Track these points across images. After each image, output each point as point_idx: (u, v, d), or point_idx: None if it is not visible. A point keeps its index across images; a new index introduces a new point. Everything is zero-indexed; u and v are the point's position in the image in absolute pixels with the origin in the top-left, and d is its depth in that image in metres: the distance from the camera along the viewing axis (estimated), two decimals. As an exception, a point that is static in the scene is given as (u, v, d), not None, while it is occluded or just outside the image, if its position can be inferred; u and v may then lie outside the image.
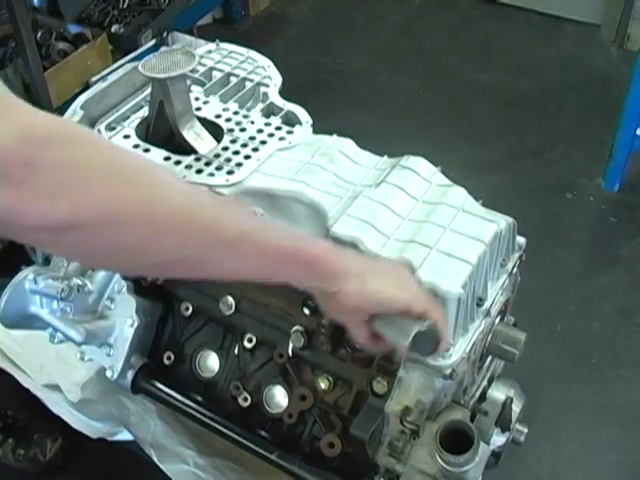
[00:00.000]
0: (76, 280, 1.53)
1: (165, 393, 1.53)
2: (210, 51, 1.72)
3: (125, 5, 3.23)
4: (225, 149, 1.45)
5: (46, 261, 1.65)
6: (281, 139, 1.47)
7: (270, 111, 1.57)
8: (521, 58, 3.65)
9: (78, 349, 1.51)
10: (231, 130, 1.49)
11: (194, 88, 1.61)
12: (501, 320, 1.42)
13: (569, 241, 2.77)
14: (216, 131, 1.49)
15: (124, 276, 1.52)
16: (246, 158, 1.42)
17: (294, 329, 1.40)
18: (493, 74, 3.54)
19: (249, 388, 1.50)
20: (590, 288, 2.59)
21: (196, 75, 1.62)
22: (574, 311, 2.51)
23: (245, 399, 1.49)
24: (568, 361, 2.36)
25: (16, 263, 1.66)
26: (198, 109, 1.54)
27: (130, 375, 1.52)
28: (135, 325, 1.52)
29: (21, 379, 1.65)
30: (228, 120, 1.52)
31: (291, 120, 1.54)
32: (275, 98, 1.59)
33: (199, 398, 1.54)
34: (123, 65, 1.68)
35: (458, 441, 1.21)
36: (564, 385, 2.29)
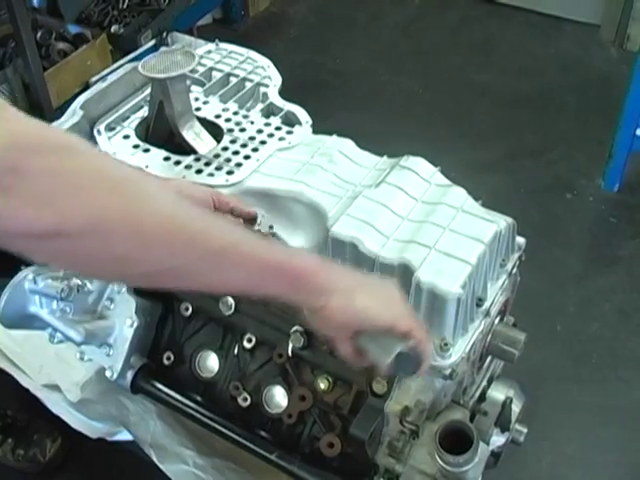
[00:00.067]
0: (76, 280, 1.53)
1: (165, 393, 1.53)
2: (210, 51, 1.72)
3: (125, 5, 3.23)
4: (225, 149, 1.45)
5: (46, 261, 1.65)
6: (281, 139, 1.47)
7: (270, 111, 1.57)
8: (521, 58, 3.65)
9: (78, 349, 1.51)
10: (231, 130, 1.50)
11: (194, 88, 1.61)
12: (501, 320, 1.42)
13: (569, 241, 2.77)
14: (216, 131, 1.49)
15: (124, 276, 1.52)
16: (246, 158, 1.43)
17: (294, 329, 1.40)
18: (493, 74, 3.54)
19: (249, 388, 1.50)
20: (590, 288, 2.59)
21: (196, 75, 1.63)
22: (574, 311, 2.51)
23: (245, 399, 1.49)
24: (568, 361, 2.36)
25: (16, 263, 1.66)
26: (198, 109, 1.54)
27: (130, 375, 1.52)
28: (135, 325, 1.51)
29: (21, 379, 1.65)
30: (228, 120, 1.52)
31: (291, 120, 1.54)
32: (275, 98, 1.59)
33: (199, 398, 1.54)
34: (123, 65, 1.68)
35: (458, 441, 1.21)
36: (564, 385, 2.29)
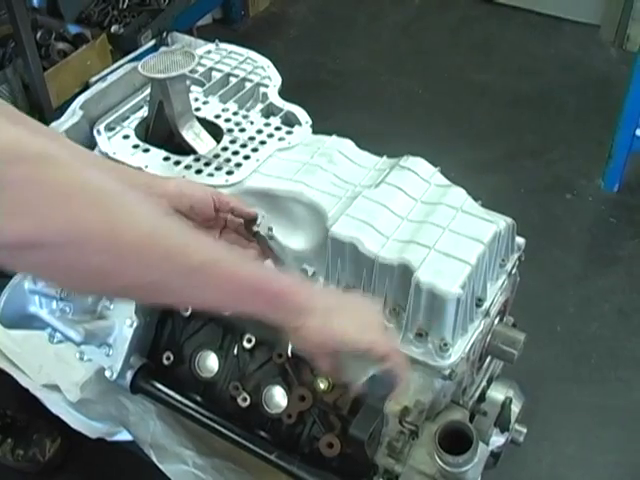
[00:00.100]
0: (75, 280, 1.53)
1: (164, 393, 1.53)
2: (210, 51, 1.72)
3: (125, 5, 3.23)
4: (224, 149, 1.45)
5: (45, 261, 1.65)
6: (280, 139, 1.47)
7: (269, 111, 1.57)
8: (521, 58, 3.65)
9: (77, 349, 1.51)
10: (230, 130, 1.50)
11: (193, 88, 1.61)
12: (500, 320, 1.42)
13: (568, 242, 2.77)
14: (215, 131, 1.49)
15: (123, 276, 1.52)
16: (245, 158, 1.43)
17: (293, 329, 1.40)
18: (493, 74, 3.54)
19: (248, 388, 1.50)
20: (589, 289, 2.59)
21: (195, 75, 1.63)
22: (573, 312, 2.51)
23: (244, 399, 1.49)
24: (567, 361, 2.36)
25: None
26: (197, 109, 1.54)
27: (129, 375, 1.52)
28: (134, 325, 1.51)
29: (20, 379, 1.65)
30: (227, 120, 1.52)
31: (290, 120, 1.54)
32: (274, 98, 1.59)
33: (198, 398, 1.54)
34: (123, 65, 1.68)
35: (457, 441, 1.21)
36: (563, 385, 2.29)
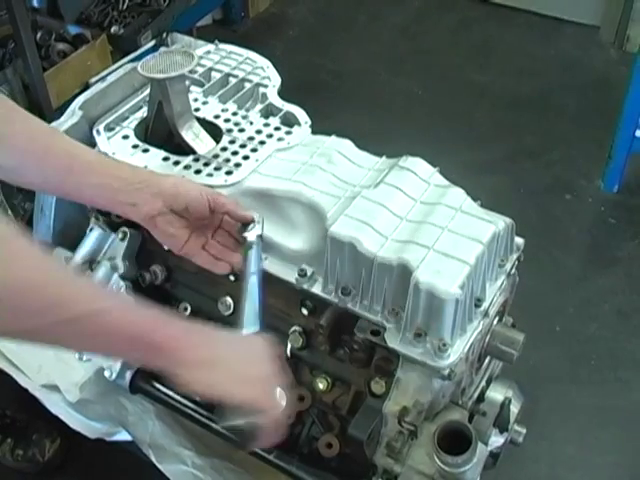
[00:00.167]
0: (75, 280, 1.53)
1: (163, 393, 1.53)
2: (209, 52, 1.72)
3: (125, 6, 3.22)
4: (224, 149, 1.45)
5: (45, 261, 1.65)
6: (280, 140, 1.47)
7: (269, 112, 1.58)
8: (520, 59, 3.65)
9: (77, 349, 1.51)
10: (230, 130, 1.50)
11: (193, 89, 1.61)
12: (499, 321, 1.42)
13: (568, 242, 2.77)
14: (215, 131, 1.50)
15: (123, 276, 1.52)
16: (245, 159, 1.43)
17: (292, 329, 1.40)
18: (492, 75, 3.54)
19: (247, 388, 1.50)
20: (589, 289, 2.59)
21: (195, 76, 1.63)
22: (573, 312, 2.51)
23: (243, 399, 1.49)
24: (566, 362, 2.36)
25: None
26: (197, 109, 1.54)
27: (128, 375, 1.52)
28: (134, 325, 1.52)
29: (19, 379, 1.65)
30: (227, 121, 1.52)
31: (290, 121, 1.55)
32: (274, 99, 1.59)
33: (197, 398, 1.54)
34: (122, 66, 1.68)
35: (456, 442, 1.21)
36: (562, 386, 2.29)
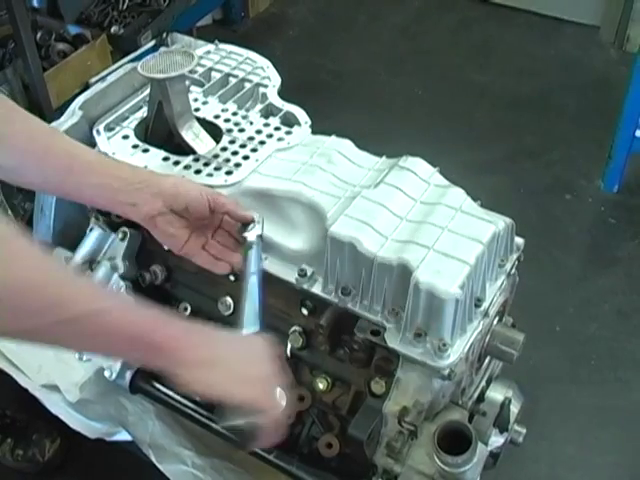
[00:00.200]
0: (75, 280, 1.53)
1: (163, 393, 1.53)
2: (209, 52, 1.72)
3: (125, 6, 3.22)
4: (224, 149, 1.45)
5: (45, 261, 1.65)
6: (280, 140, 1.47)
7: (269, 112, 1.58)
8: (520, 59, 3.66)
9: (76, 349, 1.51)
10: (230, 130, 1.50)
11: (193, 89, 1.61)
12: (499, 321, 1.42)
13: (568, 242, 2.77)
14: (215, 131, 1.50)
15: (123, 276, 1.52)
16: (245, 159, 1.43)
17: (292, 329, 1.40)
18: (492, 75, 3.54)
19: (247, 388, 1.50)
20: (589, 289, 2.59)
21: (195, 76, 1.63)
22: (573, 312, 2.51)
23: (243, 399, 1.49)
24: (566, 362, 2.36)
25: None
26: (197, 109, 1.54)
27: (128, 375, 1.52)
28: (134, 325, 1.52)
29: (19, 379, 1.65)
30: (227, 121, 1.52)
31: (290, 121, 1.55)
32: (274, 99, 1.59)
33: (197, 398, 1.54)
34: (122, 66, 1.68)
35: (456, 442, 1.21)
36: (562, 386, 2.29)
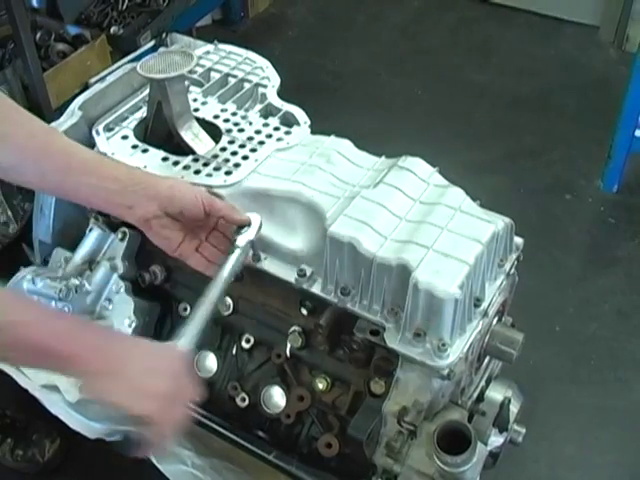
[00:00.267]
0: (74, 280, 1.53)
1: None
2: (208, 52, 1.72)
3: (124, 6, 3.22)
4: (223, 150, 1.45)
5: (44, 262, 1.65)
6: (279, 140, 1.47)
7: (268, 112, 1.58)
8: (520, 59, 3.65)
9: (76, 349, 1.51)
10: (229, 131, 1.50)
11: (192, 89, 1.61)
12: (499, 320, 1.42)
13: (567, 242, 2.77)
14: (214, 132, 1.50)
15: (122, 276, 1.52)
16: (244, 159, 1.43)
17: (292, 329, 1.41)
18: (492, 75, 3.54)
19: (247, 388, 1.50)
20: (588, 289, 2.59)
21: (194, 76, 1.63)
22: (572, 312, 2.51)
23: (243, 399, 1.49)
24: (566, 362, 2.36)
25: (15, 263, 1.66)
26: (196, 110, 1.54)
27: (128, 375, 1.52)
28: (133, 325, 1.52)
29: (19, 379, 1.65)
30: (226, 121, 1.53)
31: (289, 121, 1.55)
32: (273, 99, 1.59)
33: (197, 398, 1.54)
34: (122, 66, 1.68)
35: (456, 441, 1.21)
36: (562, 386, 2.28)
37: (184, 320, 1.55)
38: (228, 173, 1.40)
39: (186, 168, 1.41)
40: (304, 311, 1.37)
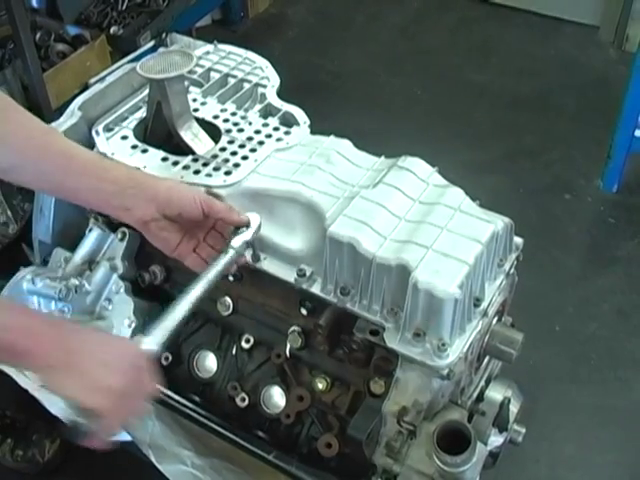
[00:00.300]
0: (74, 281, 1.53)
1: (163, 394, 1.53)
2: (208, 52, 1.72)
3: (124, 6, 3.22)
4: (223, 150, 1.45)
5: (44, 262, 1.65)
6: (279, 140, 1.47)
7: (268, 112, 1.58)
8: (520, 59, 3.65)
9: (76, 350, 1.51)
10: (229, 131, 1.50)
11: (192, 89, 1.61)
12: (498, 320, 1.42)
13: (567, 242, 2.77)
14: (214, 132, 1.50)
15: (122, 276, 1.52)
16: (244, 159, 1.43)
17: (291, 329, 1.41)
18: (491, 75, 3.54)
19: (247, 388, 1.50)
20: (588, 289, 2.59)
21: (194, 76, 1.63)
22: (572, 312, 2.51)
23: (243, 399, 1.49)
24: (566, 362, 2.36)
25: (14, 263, 1.66)
26: (196, 110, 1.54)
27: (128, 376, 1.52)
28: (133, 326, 1.52)
29: (19, 379, 1.65)
30: (226, 121, 1.53)
31: (289, 121, 1.55)
32: (273, 99, 1.59)
33: (197, 399, 1.54)
34: (121, 66, 1.68)
35: (455, 441, 1.21)
36: (562, 386, 2.29)
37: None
38: (228, 173, 1.40)
39: (186, 168, 1.41)
40: (304, 311, 1.37)
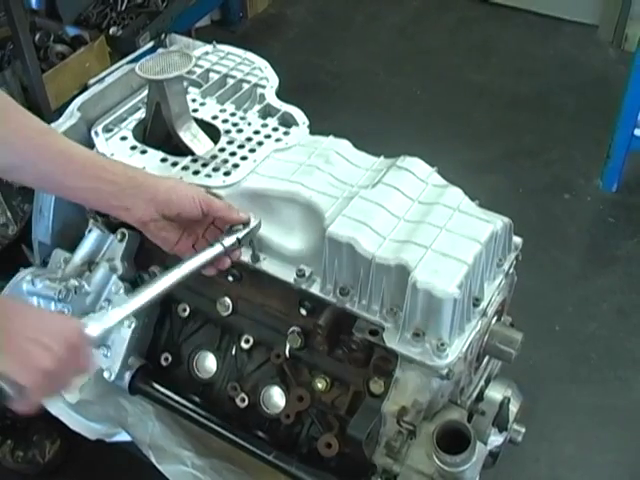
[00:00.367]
0: (73, 281, 1.53)
1: (163, 394, 1.53)
2: (207, 53, 1.72)
3: (123, 7, 3.23)
4: (222, 150, 1.45)
5: (44, 263, 1.65)
6: (278, 140, 1.47)
7: (267, 112, 1.58)
8: (519, 59, 3.66)
9: (76, 350, 1.51)
10: (228, 131, 1.50)
11: (191, 90, 1.61)
12: (498, 320, 1.42)
13: (567, 241, 2.77)
14: (213, 132, 1.50)
15: (121, 277, 1.53)
16: (243, 159, 1.43)
17: (291, 330, 1.41)
18: (491, 75, 3.54)
19: (246, 389, 1.50)
20: (588, 288, 2.59)
21: (193, 77, 1.63)
22: (572, 311, 2.51)
23: (242, 400, 1.49)
24: (566, 361, 2.36)
25: (14, 264, 1.66)
26: (195, 110, 1.54)
27: (128, 376, 1.53)
28: (132, 326, 1.52)
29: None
30: (225, 121, 1.53)
31: (288, 121, 1.55)
32: (272, 99, 1.59)
33: (197, 399, 1.54)
34: (121, 67, 1.68)
35: (455, 441, 1.21)
36: (562, 385, 2.29)
37: (183, 321, 1.57)
38: (227, 174, 1.40)
39: (185, 169, 1.41)
40: (303, 311, 1.37)
